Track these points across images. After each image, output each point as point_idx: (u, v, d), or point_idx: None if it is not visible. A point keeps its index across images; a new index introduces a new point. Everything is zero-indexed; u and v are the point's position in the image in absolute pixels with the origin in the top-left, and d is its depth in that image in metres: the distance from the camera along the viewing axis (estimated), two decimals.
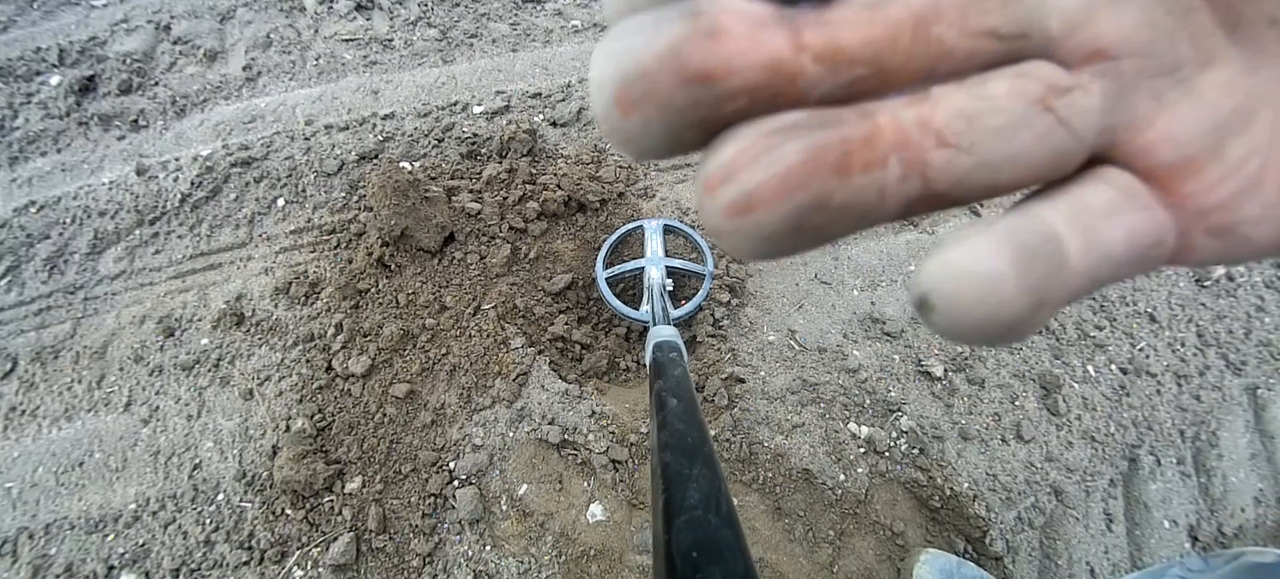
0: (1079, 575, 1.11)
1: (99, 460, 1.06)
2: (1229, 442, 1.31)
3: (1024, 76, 0.15)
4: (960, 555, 1.06)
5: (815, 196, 0.13)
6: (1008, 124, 0.15)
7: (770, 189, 0.13)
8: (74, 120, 1.44)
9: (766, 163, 0.13)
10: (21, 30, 1.58)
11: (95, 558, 0.98)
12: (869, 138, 0.14)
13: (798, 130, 0.13)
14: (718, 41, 0.13)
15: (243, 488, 1.03)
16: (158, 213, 1.31)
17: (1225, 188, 0.16)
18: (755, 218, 0.13)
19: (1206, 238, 0.16)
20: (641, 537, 1.02)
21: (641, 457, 1.09)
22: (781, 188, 0.13)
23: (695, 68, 0.13)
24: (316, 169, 1.39)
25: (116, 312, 1.21)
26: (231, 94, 1.53)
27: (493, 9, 1.80)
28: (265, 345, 1.17)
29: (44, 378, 1.14)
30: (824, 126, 0.14)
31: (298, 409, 1.09)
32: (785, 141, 0.13)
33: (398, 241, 1.24)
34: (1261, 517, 1.27)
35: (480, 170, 1.41)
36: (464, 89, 1.59)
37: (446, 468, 1.06)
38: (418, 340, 1.17)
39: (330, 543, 0.99)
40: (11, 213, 1.29)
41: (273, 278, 1.25)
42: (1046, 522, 1.14)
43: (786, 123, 0.13)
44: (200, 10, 1.67)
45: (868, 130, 0.14)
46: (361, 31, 1.68)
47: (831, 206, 0.14)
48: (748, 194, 0.13)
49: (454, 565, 0.99)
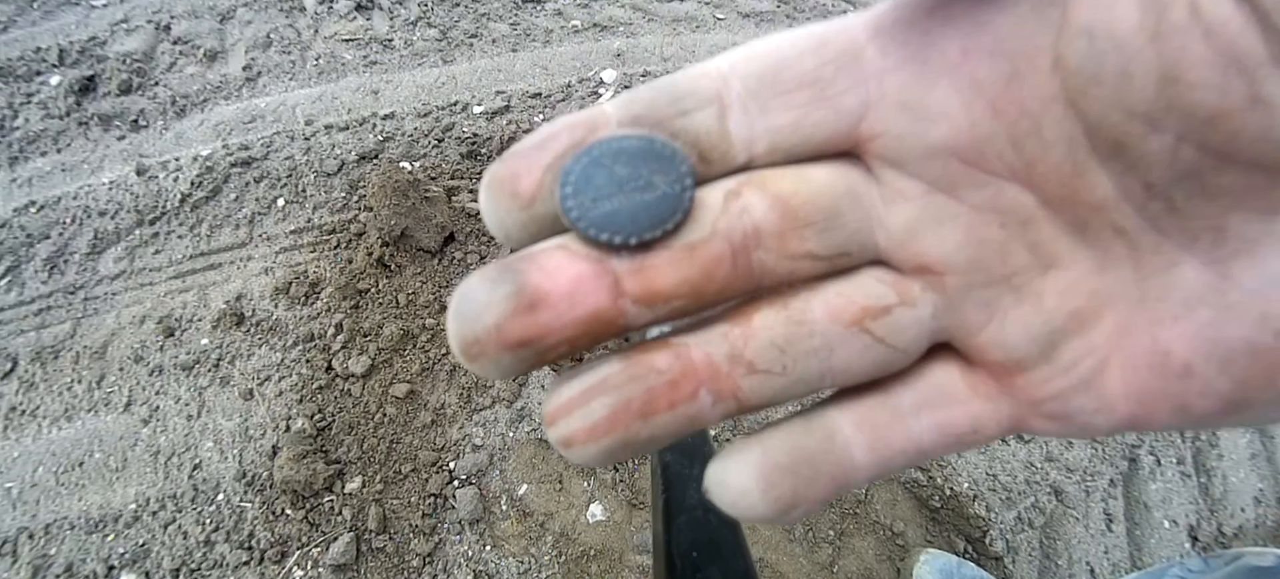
0: (1079, 575, 1.11)
1: (99, 460, 1.06)
2: (1229, 441, 1.31)
3: (843, 296, 0.17)
4: (960, 555, 1.06)
5: (622, 439, 0.16)
6: (823, 346, 0.16)
7: (584, 435, 0.16)
8: (74, 120, 1.44)
9: (580, 416, 0.16)
10: (21, 30, 1.58)
11: (95, 558, 0.98)
12: (676, 379, 0.16)
13: (606, 387, 0.16)
14: (535, 312, 0.15)
15: (243, 488, 1.03)
16: (158, 213, 1.31)
17: (1056, 384, 0.17)
18: (578, 451, 0.16)
19: (1042, 420, 0.17)
20: (641, 537, 1.02)
21: (641, 457, 1.09)
22: (592, 435, 0.16)
23: (516, 339, 0.15)
24: (316, 169, 1.39)
25: (116, 311, 1.21)
26: (231, 94, 1.53)
27: (493, 9, 1.80)
28: (265, 345, 1.17)
29: (44, 378, 1.14)
30: (631, 380, 0.16)
31: (298, 409, 1.09)
32: (595, 398, 0.16)
33: (398, 241, 1.24)
34: (1261, 517, 1.27)
35: (480, 170, 1.41)
36: (464, 89, 1.59)
37: (446, 468, 1.06)
38: (418, 340, 1.17)
39: (330, 543, 0.99)
40: (11, 213, 1.29)
41: (273, 278, 1.25)
42: (1046, 522, 1.14)
43: (597, 380, 0.16)
44: (200, 10, 1.67)
45: (677, 372, 0.16)
46: (361, 31, 1.68)
47: (640, 440, 0.16)
48: (568, 436, 0.16)
49: (454, 565, 0.99)
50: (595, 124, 0.16)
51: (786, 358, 0.16)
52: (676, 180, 0.16)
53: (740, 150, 0.16)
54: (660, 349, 0.16)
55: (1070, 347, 0.16)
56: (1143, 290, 0.16)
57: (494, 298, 0.15)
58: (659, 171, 0.16)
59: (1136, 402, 0.16)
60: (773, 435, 0.17)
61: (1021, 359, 0.17)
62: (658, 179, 0.16)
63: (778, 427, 0.17)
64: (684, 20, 1.90)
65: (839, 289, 0.17)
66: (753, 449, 0.17)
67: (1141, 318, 0.16)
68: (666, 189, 0.16)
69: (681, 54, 1.78)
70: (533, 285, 0.15)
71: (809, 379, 0.16)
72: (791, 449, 0.17)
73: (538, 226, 0.16)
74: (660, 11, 1.90)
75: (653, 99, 0.16)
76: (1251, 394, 0.15)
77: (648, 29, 1.85)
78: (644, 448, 0.16)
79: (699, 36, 1.85)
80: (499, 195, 0.16)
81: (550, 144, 0.16)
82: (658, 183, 0.16)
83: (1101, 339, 0.16)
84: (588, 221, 0.15)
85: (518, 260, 0.15)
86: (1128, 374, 0.16)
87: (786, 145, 0.16)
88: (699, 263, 0.16)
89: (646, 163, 0.16)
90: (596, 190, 0.15)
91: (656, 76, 1.38)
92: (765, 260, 0.16)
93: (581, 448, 0.16)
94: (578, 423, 0.16)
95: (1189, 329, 0.15)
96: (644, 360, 0.16)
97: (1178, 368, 0.15)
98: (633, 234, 0.15)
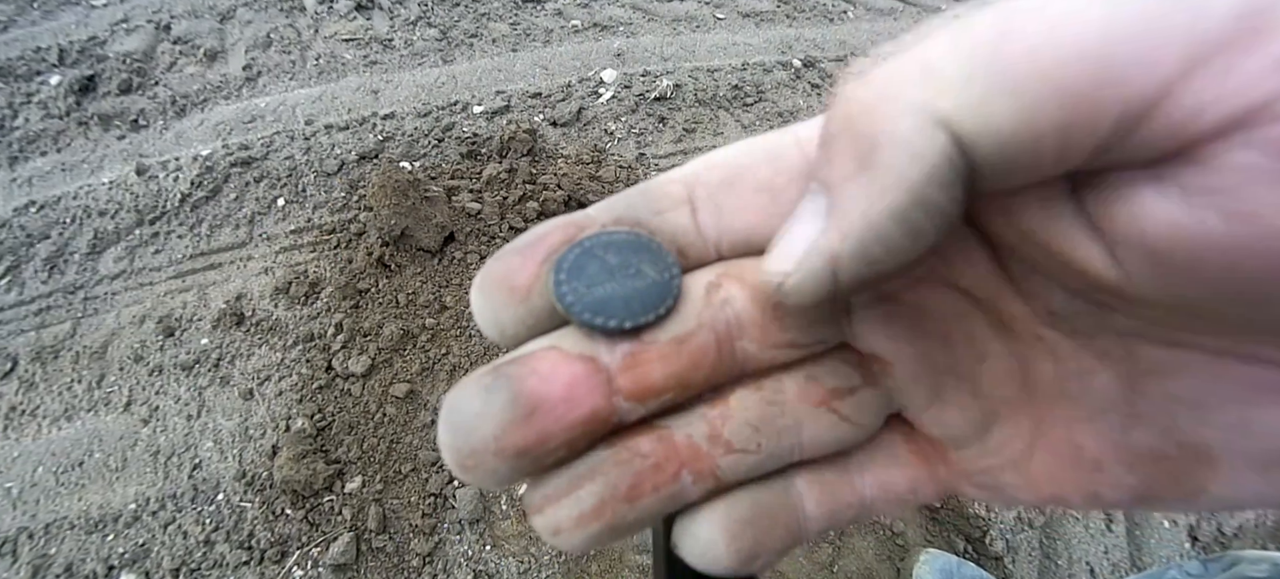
0: (1079, 575, 1.11)
1: (99, 460, 1.06)
2: None
3: (813, 379, 0.18)
4: (960, 555, 1.06)
5: (609, 524, 0.16)
6: (794, 424, 0.17)
7: (572, 523, 0.16)
8: (74, 120, 1.44)
9: (568, 504, 0.16)
10: (21, 30, 1.58)
11: (95, 558, 0.98)
12: (660, 463, 0.16)
13: (594, 474, 0.16)
14: (533, 420, 0.15)
15: (243, 488, 1.03)
16: (158, 213, 1.31)
17: (987, 462, 0.18)
18: (565, 538, 0.16)
19: (973, 489, 0.19)
20: (641, 537, 1.02)
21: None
22: (580, 522, 0.16)
23: (515, 448, 0.15)
24: (316, 169, 1.39)
25: (116, 311, 1.21)
26: (231, 94, 1.53)
27: (493, 9, 1.80)
28: (265, 345, 1.17)
29: (44, 378, 1.14)
30: (618, 466, 0.16)
31: (298, 409, 1.09)
32: (583, 485, 0.16)
33: (398, 241, 1.24)
34: (1261, 517, 1.27)
35: (480, 170, 1.41)
36: (464, 89, 1.59)
37: (446, 468, 1.06)
38: (418, 340, 1.17)
39: (330, 543, 0.99)
40: (11, 213, 1.29)
41: (273, 278, 1.25)
42: (1046, 521, 1.14)
43: (587, 468, 0.16)
44: (200, 10, 1.67)
45: (661, 456, 0.16)
46: (361, 31, 1.68)
47: (627, 523, 0.16)
48: (556, 524, 0.16)
49: (454, 565, 0.99)
50: (583, 223, 0.17)
51: (761, 436, 0.17)
52: (664, 269, 0.17)
53: (712, 245, 0.18)
54: (645, 433, 0.17)
55: (1000, 431, 0.18)
56: (1062, 389, 0.17)
57: (490, 408, 0.15)
58: (648, 261, 0.16)
59: (1055, 485, 0.18)
60: (734, 493, 0.18)
61: (957, 438, 0.18)
62: (647, 268, 0.16)
63: (743, 491, 0.18)
64: (684, 20, 1.90)
65: (809, 372, 0.18)
66: (717, 506, 0.17)
67: (1060, 413, 0.17)
68: (656, 277, 0.16)
69: (681, 54, 1.78)
70: (529, 391, 0.15)
71: (780, 455, 0.17)
72: (752, 504, 0.17)
73: (534, 320, 0.16)
74: (660, 11, 1.90)
75: (630, 201, 0.18)
76: (1159, 491, 0.16)
77: (648, 29, 1.85)
78: (627, 532, 0.16)
79: (699, 36, 1.85)
80: (495, 291, 0.16)
81: (543, 240, 0.16)
82: (647, 271, 0.16)
83: (1027, 427, 0.18)
84: (582, 306, 0.16)
85: (509, 365, 0.15)
86: (1048, 460, 0.18)
87: (753, 243, 0.18)
88: (687, 356, 0.16)
89: (635, 253, 0.16)
90: (590, 278, 0.16)
91: (656, 76, 1.38)
92: (748, 349, 0.17)
93: (568, 535, 0.16)
94: (566, 512, 0.16)
95: (1100, 430, 0.17)
96: (630, 446, 0.16)
97: (1090, 462, 0.17)
98: (628, 318, 0.16)
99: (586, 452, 0.16)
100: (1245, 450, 0.15)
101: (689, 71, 1.70)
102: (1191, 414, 0.15)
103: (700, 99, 1.67)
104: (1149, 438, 0.16)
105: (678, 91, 1.65)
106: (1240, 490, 0.15)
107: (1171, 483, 0.16)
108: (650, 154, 1.56)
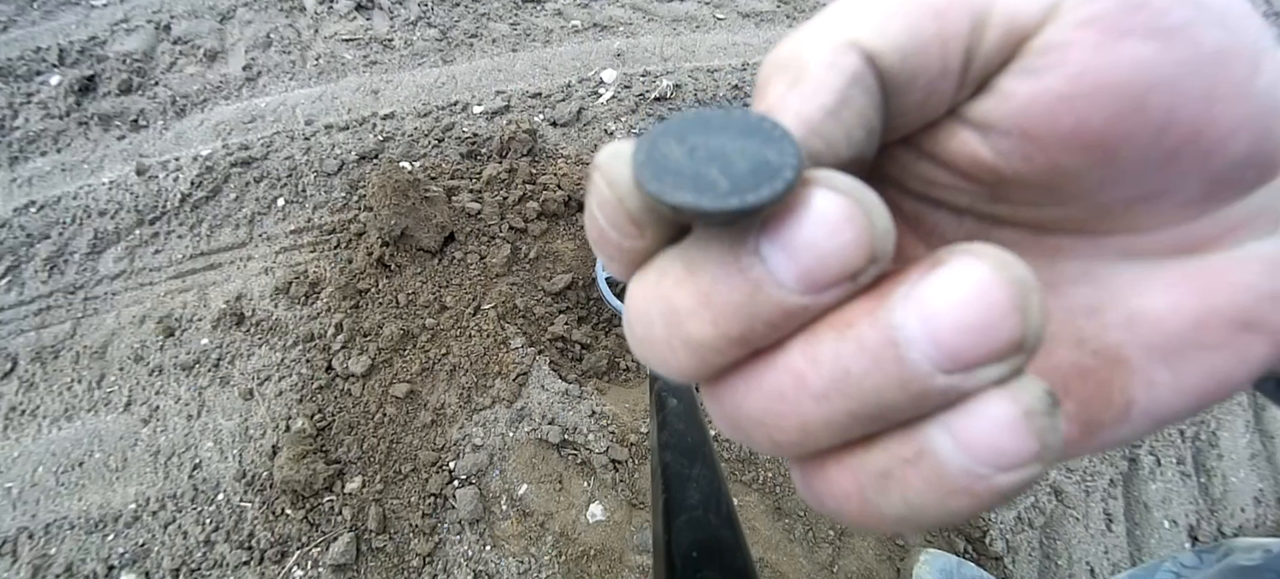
0: (1079, 575, 1.11)
1: (99, 460, 1.06)
2: (1229, 441, 1.31)
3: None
4: (960, 555, 1.06)
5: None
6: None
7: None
8: (74, 120, 1.44)
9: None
10: (21, 30, 1.58)
11: (95, 558, 0.98)
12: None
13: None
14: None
15: (243, 488, 1.03)
16: (158, 213, 1.31)
17: None
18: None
19: None
20: (641, 537, 1.02)
21: (641, 456, 1.09)
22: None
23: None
24: (316, 169, 1.38)
25: (116, 311, 1.21)
26: (231, 94, 1.53)
27: (493, 9, 1.80)
28: (265, 345, 1.17)
29: (44, 378, 1.14)
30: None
31: (298, 409, 1.09)
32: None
33: (398, 241, 1.24)
34: (1261, 516, 1.27)
35: (480, 170, 1.41)
36: (464, 89, 1.59)
37: (446, 468, 1.06)
38: (418, 340, 1.17)
39: (330, 543, 0.99)
40: (11, 213, 1.29)
41: (273, 278, 1.25)
42: (1046, 521, 1.14)
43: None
44: (200, 10, 1.66)
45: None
46: (361, 31, 1.68)
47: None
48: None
49: (454, 565, 0.99)
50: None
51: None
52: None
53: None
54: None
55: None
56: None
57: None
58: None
59: None
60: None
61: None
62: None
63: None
64: (684, 20, 1.90)
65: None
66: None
67: None
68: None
69: (681, 54, 1.78)
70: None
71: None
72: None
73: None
74: (660, 11, 1.90)
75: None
76: (1096, 413, 0.16)
77: (648, 29, 1.85)
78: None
79: (699, 36, 1.85)
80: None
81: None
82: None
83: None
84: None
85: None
86: None
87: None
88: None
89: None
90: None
91: (656, 76, 1.38)
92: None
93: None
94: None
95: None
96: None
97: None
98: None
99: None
100: (1146, 343, 0.16)
101: (689, 71, 1.70)
102: (1091, 320, 0.16)
103: (700, 99, 1.67)
104: (1067, 353, 0.16)
105: (678, 92, 1.65)
106: (1158, 392, 0.16)
107: (1103, 400, 0.16)
108: None
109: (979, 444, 0.11)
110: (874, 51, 0.14)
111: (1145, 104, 0.13)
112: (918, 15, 0.14)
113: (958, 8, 0.14)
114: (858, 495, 0.13)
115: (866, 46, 0.14)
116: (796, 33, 0.15)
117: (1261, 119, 0.14)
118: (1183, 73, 0.13)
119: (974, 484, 0.11)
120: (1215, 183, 0.15)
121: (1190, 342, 0.15)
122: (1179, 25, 0.13)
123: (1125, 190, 0.15)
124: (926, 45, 0.14)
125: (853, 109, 0.14)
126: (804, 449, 0.13)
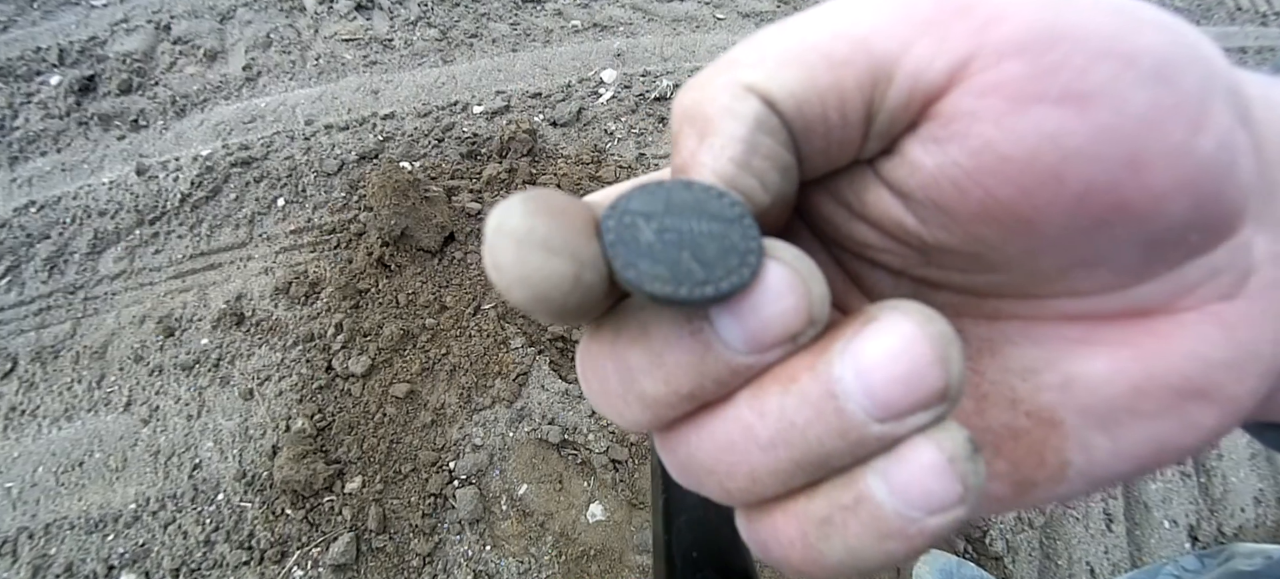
0: (1079, 575, 1.11)
1: (99, 460, 1.06)
2: (1228, 442, 1.31)
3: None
4: (960, 555, 1.06)
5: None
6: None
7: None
8: (74, 120, 1.44)
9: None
10: (21, 30, 1.58)
11: (95, 558, 0.98)
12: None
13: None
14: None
15: (243, 488, 1.03)
16: (158, 213, 1.31)
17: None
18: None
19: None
20: (641, 537, 1.02)
21: (641, 457, 1.09)
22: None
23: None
24: (316, 169, 1.39)
25: (116, 312, 1.21)
26: (231, 94, 1.53)
27: (493, 9, 1.80)
28: (265, 345, 1.17)
29: (44, 378, 1.14)
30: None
31: (298, 409, 1.09)
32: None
33: (398, 241, 1.24)
34: (1262, 516, 1.27)
35: (480, 170, 1.41)
36: (464, 89, 1.59)
37: (446, 468, 1.06)
38: (418, 340, 1.17)
39: (330, 543, 0.99)
40: (11, 213, 1.29)
41: (273, 278, 1.25)
42: (1046, 522, 1.14)
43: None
44: (200, 10, 1.66)
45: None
46: (361, 31, 1.68)
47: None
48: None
49: (454, 565, 0.99)
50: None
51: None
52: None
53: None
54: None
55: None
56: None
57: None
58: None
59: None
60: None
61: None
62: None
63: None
64: (684, 20, 1.90)
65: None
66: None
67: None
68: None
69: (681, 54, 1.78)
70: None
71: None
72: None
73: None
74: (660, 11, 1.90)
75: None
76: (1029, 472, 0.16)
77: (648, 29, 1.85)
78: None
79: (699, 36, 1.85)
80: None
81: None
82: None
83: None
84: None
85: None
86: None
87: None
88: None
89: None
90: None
91: (656, 76, 1.38)
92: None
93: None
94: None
95: (956, 416, 0.16)
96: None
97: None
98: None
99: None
100: (1082, 407, 0.15)
101: (689, 72, 1.70)
102: (1026, 382, 0.16)
103: None
104: (1000, 413, 0.16)
105: (677, 92, 1.66)
106: (1095, 455, 0.15)
107: (1036, 461, 0.16)
108: (650, 154, 1.56)
109: (910, 489, 0.12)
110: (770, 96, 0.14)
111: (1061, 175, 0.12)
112: (813, 63, 0.13)
113: (858, 60, 0.13)
114: (801, 542, 0.13)
115: (763, 90, 0.14)
116: (697, 77, 0.15)
117: (1204, 181, 0.13)
118: (1102, 140, 0.12)
119: (907, 527, 0.12)
120: (1155, 247, 0.14)
121: (1127, 409, 0.15)
122: (1098, 87, 0.12)
123: (1054, 259, 0.14)
124: (823, 94, 0.14)
125: (762, 154, 0.14)
126: (752, 495, 0.14)
